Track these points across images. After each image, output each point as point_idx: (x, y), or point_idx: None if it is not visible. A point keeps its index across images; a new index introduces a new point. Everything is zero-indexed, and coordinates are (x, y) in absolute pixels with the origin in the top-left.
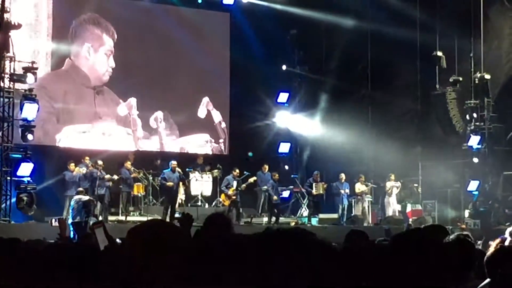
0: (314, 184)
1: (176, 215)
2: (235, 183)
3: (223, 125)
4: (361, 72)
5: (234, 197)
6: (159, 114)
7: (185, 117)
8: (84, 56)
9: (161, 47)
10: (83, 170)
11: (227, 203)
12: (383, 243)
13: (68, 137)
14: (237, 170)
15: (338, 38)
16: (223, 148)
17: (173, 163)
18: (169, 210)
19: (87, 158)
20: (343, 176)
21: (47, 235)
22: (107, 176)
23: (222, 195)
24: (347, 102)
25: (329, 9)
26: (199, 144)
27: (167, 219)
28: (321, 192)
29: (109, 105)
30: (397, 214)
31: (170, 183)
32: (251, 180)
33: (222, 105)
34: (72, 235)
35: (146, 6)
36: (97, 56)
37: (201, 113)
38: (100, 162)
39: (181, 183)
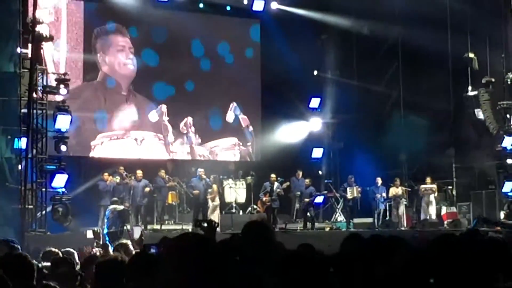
0: (348, 188)
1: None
2: (274, 188)
3: (251, 128)
4: (393, 76)
5: (268, 204)
6: (189, 119)
7: (214, 122)
8: (114, 65)
9: (189, 54)
10: (117, 179)
11: (262, 210)
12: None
13: (102, 146)
14: (273, 175)
15: (369, 42)
16: (251, 151)
17: (200, 170)
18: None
19: (121, 168)
20: (379, 180)
21: (82, 245)
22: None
23: (258, 202)
24: (379, 106)
25: (359, 14)
26: (227, 147)
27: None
28: (355, 195)
29: (140, 112)
30: (433, 217)
31: (196, 191)
32: (285, 185)
33: (253, 111)
34: None
35: (175, 14)
36: (126, 64)
37: (229, 118)
38: (139, 172)
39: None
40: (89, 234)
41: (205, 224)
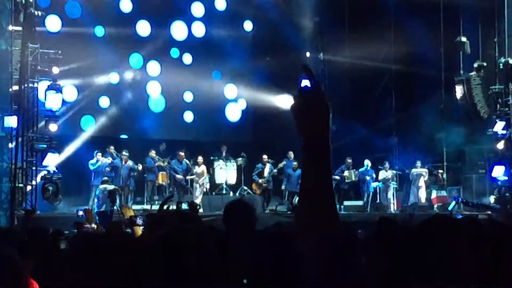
0: (346, 171)
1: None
2: (266, 170)
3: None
4: (384, 59)
5: (265, 185)
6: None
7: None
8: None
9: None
10: (108, 159)
11: (258, 192)
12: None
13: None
14: (265, 156)
15: (362, 26)
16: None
17: (180, 154)
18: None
19: (112, 147)
20: (368, 162)
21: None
22: (130, 163)
23: (253, 184)
24: (370, 89)
25: None
26: None
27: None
28: (353, 179)
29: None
30: (423, 200)
31: (179, 176)
32: (281, 165)
33: (248, 91)
34: None
35: None
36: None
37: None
38: (125, 153)
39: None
40: (80, 213)
41: (186, 206)
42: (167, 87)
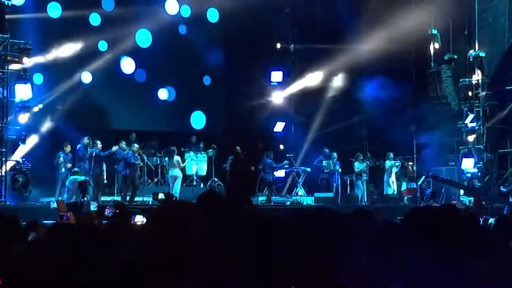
0: (324, 161)
1: (160, 195)
2: None
3: None
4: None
5: None
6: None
7: None
8: None
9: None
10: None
11: None
12: None
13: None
14: (238, 148)
15: (332, 16)
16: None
17: (135, 146)
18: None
19: (85, 138)
20: (335, 154)
21: (44, 216)
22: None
23: (227, 175)
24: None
25: None
26: None
27: None
28: (332, 168)
29: None
30: (395, 192)
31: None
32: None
33: (218, 83)
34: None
35: None
36: None
37: None
38: (98, 143)
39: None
40: (53, 204)
41: (162, 196)
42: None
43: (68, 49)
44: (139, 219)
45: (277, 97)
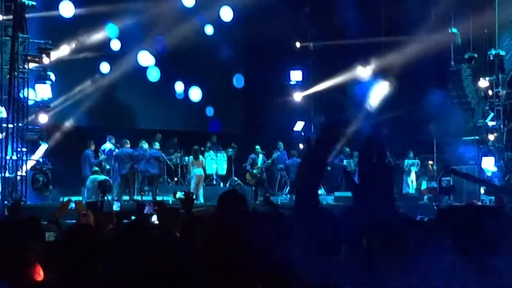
0: (345, 160)
1: (178, 194)
2: (259, 160)
3: None
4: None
5: (259, 175)
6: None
7: None
8: None
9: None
10: (105, 149)
11: (253, 181)
12: None
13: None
14: (258, 147)
15: (352, 13)
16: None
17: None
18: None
19: (112, 137)
20: (356, 154)
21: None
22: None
23: (247, 174)
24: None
25: None
26: None
27: None
28: (353, 168)
29: None
30: (414, 191)
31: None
32: (275, 155)
33: (238, 82)
34: None
35: None
36: None
37: None
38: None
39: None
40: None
41: (182, 196)
42: None
43: (84, 47)
44: (155, 219)
45: (297, 96)
